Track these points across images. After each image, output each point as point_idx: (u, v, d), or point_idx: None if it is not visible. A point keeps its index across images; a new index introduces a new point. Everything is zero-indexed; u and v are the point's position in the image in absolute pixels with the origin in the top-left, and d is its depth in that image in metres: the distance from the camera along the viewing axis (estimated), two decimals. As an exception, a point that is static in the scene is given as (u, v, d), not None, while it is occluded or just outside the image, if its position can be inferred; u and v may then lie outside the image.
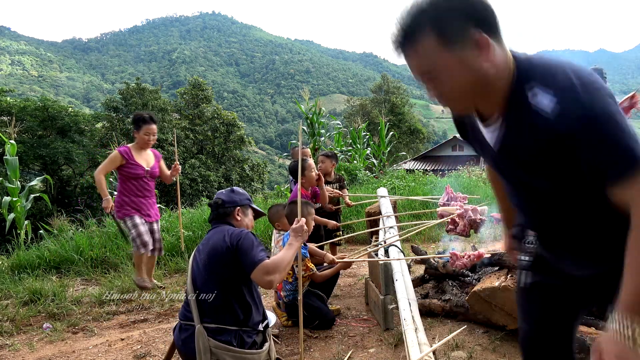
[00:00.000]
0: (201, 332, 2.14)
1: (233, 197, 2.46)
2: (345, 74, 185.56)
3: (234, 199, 2.45)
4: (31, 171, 20.85)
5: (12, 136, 7.90)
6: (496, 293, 2.86)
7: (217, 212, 2.43)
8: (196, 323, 2.17)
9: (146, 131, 4.19)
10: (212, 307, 2.19)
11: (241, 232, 2.27)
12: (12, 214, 7.27)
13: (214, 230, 2.37)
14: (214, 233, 2.34)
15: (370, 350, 3.02)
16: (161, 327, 3.62)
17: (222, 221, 2.40)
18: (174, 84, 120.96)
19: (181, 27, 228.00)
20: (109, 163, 4.17)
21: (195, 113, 26.62)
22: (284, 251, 2.33)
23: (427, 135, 45.82)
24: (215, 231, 2.35)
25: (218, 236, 2.28)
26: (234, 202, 2.44)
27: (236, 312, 2.20)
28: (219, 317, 2.18)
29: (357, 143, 15.09)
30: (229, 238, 2.24)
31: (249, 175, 26.69)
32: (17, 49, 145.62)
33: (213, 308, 2.19)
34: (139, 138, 4.22)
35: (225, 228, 2.32)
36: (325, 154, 5.10)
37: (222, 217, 2.41)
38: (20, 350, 3.32)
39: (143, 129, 4.18)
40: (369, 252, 3.71)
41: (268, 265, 2.17)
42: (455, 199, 4.06)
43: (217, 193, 2.51)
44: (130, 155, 4.17)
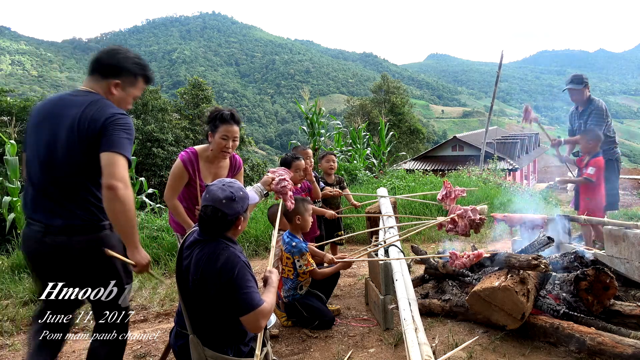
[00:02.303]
0: (195, 342, 2.06)
1: (235, 206, 2.08)
2: (345, 74, 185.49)
3: (236, 210, 2.08)
4: (31, 171, 20.83)
5: (12, 136, 7.89)
6: (496, 293, 2.86)
7: (214, 226, 2.07)
8: (189, 332, 2.09)
9: (224, 134, 2.99)
10: (206, 328, 2.09)
11: (234, 266, 2.01)
12: (12, 214, 7.26)
13: (203, 251, 2.07)
14: (202, 256, 2.06)
15: (370, 350, 3.02)
16: (161, 327, 3.62)
17: (218, 235, 2.10)
18: (174, 84, 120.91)
19: (181, 27, 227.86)
20: (176, 181, 3.02)
21: (195, 113, 26.62)
22: (270, 295, 2.13)
23: (427, 135, 45.90)
24: (204, 253, 2.06)
25: (209, 266, 2.02)
26: (237, 213, 2.09)
27: (231, 334, 2.12)
28: (213, 338, 2.09)
29: (357, 143, 15.08)
30: (219, 273, 1.99)
31: (249, 175, 26.66)
32: (17, 49, 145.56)
33: (207, 329, 2.09)
34: (213, 143, 3.03)
35: (215, 254, 2.03)
36: (332, 154, 5.10)
37: (220, 231, 2.10)
38: (20, 350, 3.32)
39: (220, 130, 3.00)
40: (369, 252, 3.71)
41: (265, 310, 2.00)
42: (453, 192, 4.02)
43: (212, 199, 2.06)
44: (196, 166, 3.06)
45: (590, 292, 2.96)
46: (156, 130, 22.80)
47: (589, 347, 2.59)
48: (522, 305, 2.79)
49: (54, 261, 2.14)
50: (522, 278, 2.90)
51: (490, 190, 9.42)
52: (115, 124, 2.11)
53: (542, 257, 2.86)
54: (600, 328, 2.76)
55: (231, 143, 3.03)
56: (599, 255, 3.54)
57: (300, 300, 3.44)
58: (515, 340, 2.94)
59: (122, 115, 2.16)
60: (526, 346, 2.86)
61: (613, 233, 3.40)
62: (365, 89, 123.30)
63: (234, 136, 3.03)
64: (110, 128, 2.09)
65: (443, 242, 6.13)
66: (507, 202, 7.64)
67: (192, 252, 2.11)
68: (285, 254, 3.43)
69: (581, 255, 3.47)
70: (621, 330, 2.74)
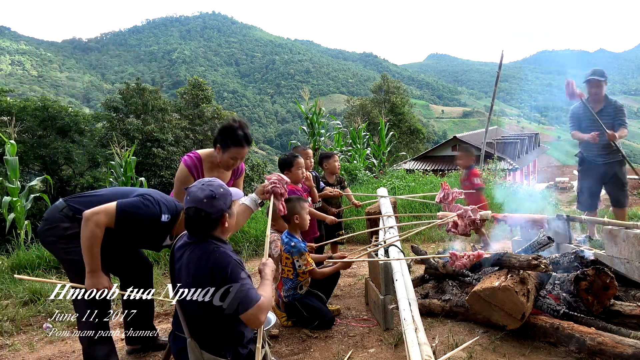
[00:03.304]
0: (193, 345, 2.05)
1: (217, 204, 2.06)
2: (345, 74, 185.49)
3: (219, 207, 2.06)
4: (31, 171, 20.86)
5: (12, 136, 7.89)
6: (496, 293, 2.86)
7: (199, 226, 2.06)
8: (187, 336, 2.07)
9: (234, 155, 2.98)
10: (203, 332, 2.08)
11: (226, 265, 1.99)
12: (12, 214, 7.27)
13: (194, 253, 2.06)
14: (193, 258, 2.05)
15: (370, 350, 3.02)
16: (161, 327, 3.62)
17: (206, 235, 2.08)
18: (174, 84, 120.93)
19: (181, 27, 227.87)
20: (182, 186, 2.87)
21: (195, 113, 26.61)
22: (266, 289, 2.12)
23: (427, 135, 45.88)
24: (194, 256, 2.05)
25: (200, 268, 2.01)
26: (220, 210, 2.07)
27: (228, 337, 2.10)
28: (210, 341, 2.08)
29: (357, 143, 15.09)
30: (212, 275, 1.98)
31: (249, 175, 26.66)
32: (17, 49, 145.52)
33: (204, 333, 2.08)
34: (221, 158, 3.01)
35: (205, 256, 2.02)
36: (335, 154, 5.13)
37: (207, 231, 2.07)
38: (20, 350, 3.32)
39: (231, 151, 2.96)
40: (369, 252, 3.71)
41: (263, 304, 1.98)
42: (451, 194, 4.04)
43: (193, 200, 2.04)
44: (200, 171, 3.06)
45: (590, 292, 2.95)
46: (156, 130, 22.81)
47: (589, 347, 2.59)
48: (522, 305, 2.79)
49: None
50: (522, 278, 2.90)
51: (490, 190, 9.41)
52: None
53: (542, 257, 2.86)
54: (600, 328, 2.76)
55: (237, 162, 3.07)
56: (599, 255, 3.54)
57: (300, 300, 3.44)
58: (515, 340, 2.94)
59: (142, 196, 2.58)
60: (526, 346, 2.86)
61: (613, 233, 3.40)
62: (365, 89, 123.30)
63: (243, 157, 3.06)
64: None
65: (443, 242, 6.13)
66: (507, 202, 7.63)
67: (183, 255, 2.11)
68: (285, 254, 3.43)
69: (581, 255, 3.47)
70: (621, 330, 2.74)
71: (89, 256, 2.38)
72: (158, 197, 2.57)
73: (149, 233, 2.55)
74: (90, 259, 2.39)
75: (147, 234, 2.55)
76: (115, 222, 2.39)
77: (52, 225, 2.60)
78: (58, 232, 2.58)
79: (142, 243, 2.79)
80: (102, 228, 2.36)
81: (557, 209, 8.28)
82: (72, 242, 2.48)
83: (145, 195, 2.53)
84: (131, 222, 2.42)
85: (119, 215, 2.37)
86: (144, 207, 2.45)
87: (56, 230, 2.58)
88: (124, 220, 2.40)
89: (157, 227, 2.51)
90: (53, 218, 2.61)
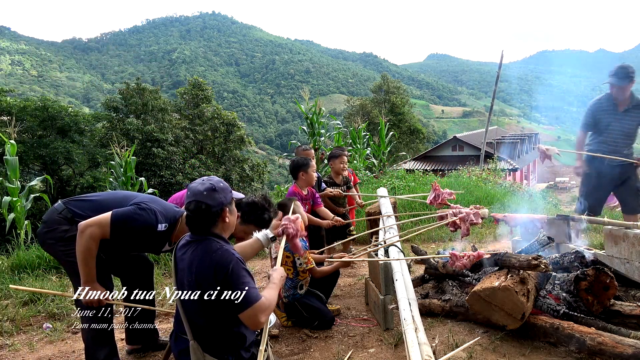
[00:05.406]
0: (195, 348, 2.03)
1: (217, 197, 2.06)
2: (345, 74, 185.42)
3: (219, 200, 2.06)
4: (31, 171, 20.86)
5: (12, 136, 7.88)
6: (496, 293, 2.86)
7: (200, 221, 2.05)
8: (189, 338, 2.06)
9: (250, 231, 2.86)
10: (206, 333, 2.07)
11: (228, 263, 1.98)
12: (12, 214, 7.26)
13: (196, 252, 2.05)
14: (195, 256, 2.04)
15: (370, 350, 3.02)
16: (161, 327, 3.62)
17: (206, 232, 2.08)
18: (174, 84, 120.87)
19: (181, 27, 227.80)
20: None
21: (195, 113, 26.61)
22: (271, 292, 2.11)
23: (427, 135, 45.85)
24: (197, 254, 2.03)
25: (202, 267, 2.00)
26: (221, 204, 2.07)
27: (231, 339, 2.09)
28: (213, 343, 2.07)
29: (357, 143, 15.08)
30: (214, 272, 1.96)
31: (249, 175, 26.67)
32: (17, 49, 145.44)
33: (207, 334, 2.07)
34: (238, 228, 2.83)
35: (206, 252, 2.01)
36: (342, 154, 5.05)
37: (208, 227, 2.07)
38: (20, 350, 3.32)
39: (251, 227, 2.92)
40: (369, 252, 3.71)
41: (263, 305, 1.97)
42: (441, 195, 4.01)
43: (194, 194, 2.05)
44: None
45: (590, 292, 2.95)
46: (156, 130, 22.81)
47: (589, 347, 2.59)
48: (522, 305, 2.79)
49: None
50: (522, 278, 2.90)
51: (490, 190, 9.42)
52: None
53: (542, 257, 2.86)
54: (600, 328, 2.76)
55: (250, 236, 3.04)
56: (599, 255, 3.54)
57: (300, 300, 3.44)
58: (515, 340, 2.94)
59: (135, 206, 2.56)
60: (526, 346, 2.86)
61: (613, 233, 3.40)
62: (365, 89, 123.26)
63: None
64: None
65: (443, 242, 6.13)
66: (507, 202, 7.64)
67: (185, 254, 2.10)
68: (285, 252, 3.43)
69: (581, 255, 3.47)
70: (621, 330, 2.74)
71: (84, 268, 2.42)
72: (155, 205, 2.54)
73: (145, 242, 2.56)
74: (85, 271, 2.43)
75: (143, 242, 2.56)
76: (110, 233, 2.40)
77: (51, 227, 2.60)
78: (57, 235, 2.58)
79: (139, 250, 2.81)
80: (97, 240, 2.38)
81: (557, 209, 8.28)
82: (72, 245, 2.48)
83: (141, 204, 2.50)
84: (126, 232, 2.42)
85: (113, 227, 2.38)
86: (139, 217, 2.44)
87: (55, 232, 2.59)
88: (118, 231, 2.41)
89: (153, 236, 2.51)
90: (52, 220, 2.61)
